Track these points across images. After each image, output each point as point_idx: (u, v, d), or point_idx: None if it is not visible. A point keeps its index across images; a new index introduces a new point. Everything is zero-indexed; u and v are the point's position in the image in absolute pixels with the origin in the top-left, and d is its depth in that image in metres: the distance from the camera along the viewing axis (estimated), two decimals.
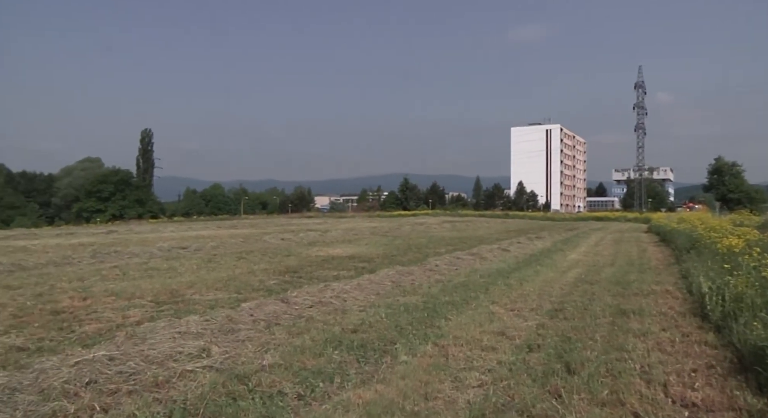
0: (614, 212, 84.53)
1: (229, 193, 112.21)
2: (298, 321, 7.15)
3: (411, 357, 5.57)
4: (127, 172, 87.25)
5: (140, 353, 5.41)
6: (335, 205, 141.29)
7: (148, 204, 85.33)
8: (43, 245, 21.43)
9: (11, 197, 78.84)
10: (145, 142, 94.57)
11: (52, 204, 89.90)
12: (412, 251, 18.64)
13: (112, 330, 6.75)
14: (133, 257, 16.25)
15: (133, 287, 10.23)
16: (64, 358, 5.22)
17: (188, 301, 8.85)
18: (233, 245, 21.13)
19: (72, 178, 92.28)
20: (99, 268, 13.62)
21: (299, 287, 10.02)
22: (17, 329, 6.86)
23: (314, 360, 5.35)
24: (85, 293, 9.54)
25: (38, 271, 13.12)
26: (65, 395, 4.33)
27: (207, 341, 5.90)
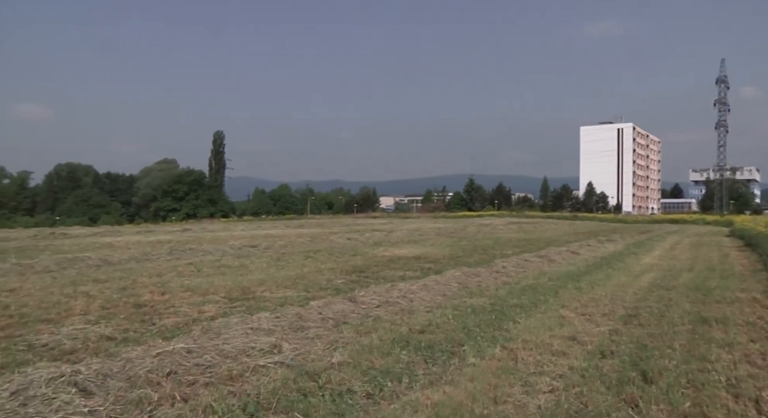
0: (691, 215, 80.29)
1: (296, 193, 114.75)
2: (366, 320, 7.22)
3: (479, 360, 5.51)
4: (200, 173, 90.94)
5: (215, 347, 5.62)
6: (400, 205, 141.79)
7: (220, 203, 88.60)
8: (125, 242, 22.67)
9: (98, 197, 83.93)
10: (217, 143, 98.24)
11: (132, 203, 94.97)
12: (478, 252, 18.44)
13: (188, 324, 7.05)
14: (206, 255, 16.90)
15: (207, 284, 10.65)
16: (147, 349, 5.50)
17: (259, 298, 9.12)
18: (301, 244, 21.59)
19: (150, 179, 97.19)
20: (175, 264, 14.27)
21: (366, 286, 10.12)
22: (106, 319, 7.30)
23: (382, 359, 5.38)
24: (164, 288, 10.01)
25: (122, 266, 13.89)
26: (149, 384, 4.56)
27: (278, 337, 6.05)
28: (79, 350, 5.87)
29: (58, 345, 6.02)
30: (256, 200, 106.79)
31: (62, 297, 9.09)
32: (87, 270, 13.06)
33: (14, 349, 5.84)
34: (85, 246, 20.71)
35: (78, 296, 9.22)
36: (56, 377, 4.40)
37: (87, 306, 8.31)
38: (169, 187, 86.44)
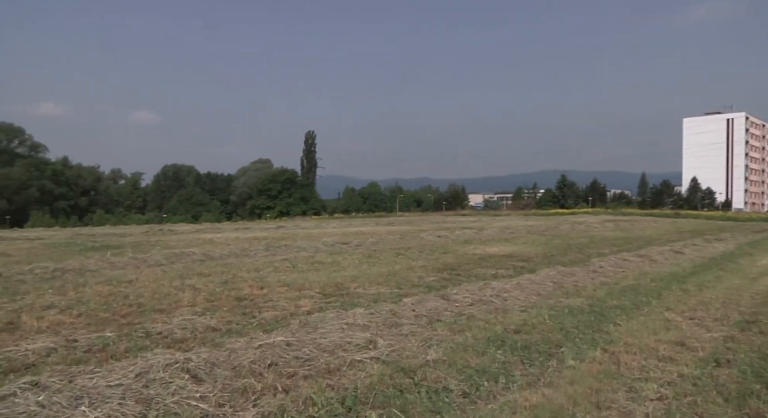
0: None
1: (386, 191, 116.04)
2: (459, 318, 7.17)
3: (578, 362, 5.32)
4: (293, 172, 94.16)
5: (313, 340, 5.80)
6: (489, 203, 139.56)
7: (312, 201, 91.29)
8: (225, 238, 23.90)
9: (200, 196, 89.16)
10: (309, 143, 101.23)
11: (230, 201, 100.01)
12: (573, 250, 17.79)
13: (286, 318, 7.32)
14: (300, 251, 17.46)
15: (302, 279, 11.00)
16: (249, 340, 5.77)
17: (352, 294, 9.30)
18: (391, 241, 21.79)
19: (246, 178, 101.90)
20: (272, 260, 14.85)
21: (458, 284, 10.06)
22: (210, 311, 7.74)
23: (477, 359, 5.32)
24: (262, 283, 10.45)
25: (223, 261, 14.67)
26: (252, 374, 4.78)
27: (373, 333, 6.15)
28: (189, 339, 6.26)
29: (170, 334, 6.45)
30: (346, 198, 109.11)
31: (172, 289, 9.72)
32: (192, 264, 13.90)
33: (134, 335, 6.34)
34: (190, 242, 22.05)
35: (185, 288, 9.83)
36: (171, 363, 4.72)
37: (194, 298, 8.84)
38: (263, 186, 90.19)
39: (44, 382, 4.30)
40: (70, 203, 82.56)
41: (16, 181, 73.85)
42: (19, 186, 74.14)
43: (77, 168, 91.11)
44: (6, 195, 72.73)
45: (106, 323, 7.08)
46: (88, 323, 7.10)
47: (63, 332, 6.50)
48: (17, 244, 21.33)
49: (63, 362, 5.25)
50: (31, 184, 75.76)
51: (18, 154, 79.94)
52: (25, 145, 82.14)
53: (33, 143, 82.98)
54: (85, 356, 5.54)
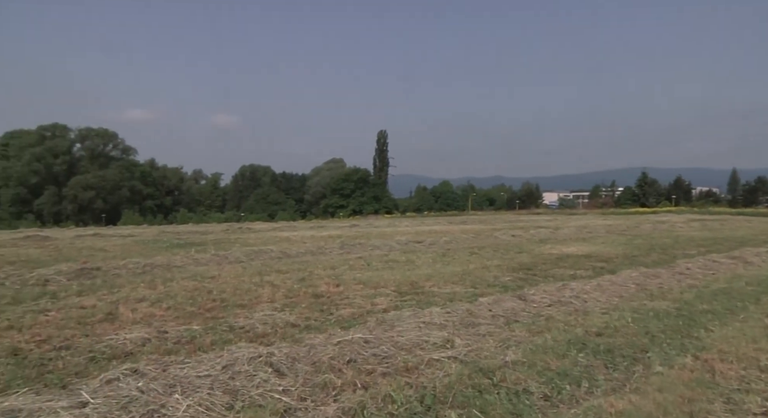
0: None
1: (458, 189, 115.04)
2: (538, 319, 7.01)
3: (667, 368, 5.06)
4: (365, 172, 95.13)
5: (390, 338, 5.84)
6: (564, 201, 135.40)
7: (384, 200, 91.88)
8: (300, 237, 24.50)
9: (275, 195, 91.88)
10: (381, 142, 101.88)
11: (304, 200, 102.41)
12: (656, 251, 16.96)
13: (363, 315, 7.42)
14: (374, 250, 17.63)
15: (377, 277, 11.10)
16: (328, 337, 5.89)
17: (428, 293, 9.30)
18: (465, 240, 21.60)
19: (320, 177, 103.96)
20: (346, 258, 15.08)
21: (535, 284, 9.83)
22: (289, 307, 7.96)
23: (558, 361, 5.18)
24: (338, 281, 10.63)
25: (299, 258, 15.05)
26: (332, 370, 4.88)
27: (450, 332, 6.12)
28: (270, 334, 6.47)
29: (252, 328, 6.69)
30: (418, 197, 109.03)
31: (252, 285, 10.07)
32: (270, 261, 14.34)
33: (219, 329, 6.63)
34: (267, 240, 22.76)
35: (264, 285, 10.16)
36: (255, 357, 4.90)
37: (273, 294, 9.12)
38: (337, 185, 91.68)
39: (142, 369, 4.58)
40: (156, 202, 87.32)
41: (111, 182, 78.93)
42: (113, 187, 79.22)
43: (163, 169, 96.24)
44: (102, 195, 77.92)
45: (193, 317, 7.43)
46: (176, 316, 7.49)
47: (155, 324, 6.89)
48: (113, 240, 22.80)
49: (156, 352, 5.57)
50: (123, 185, 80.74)
51: (112, 157, 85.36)
52: (118, 149, 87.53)
53: (125, 147, 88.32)
54: (175, 347, 5.85)
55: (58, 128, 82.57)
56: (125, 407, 3.90)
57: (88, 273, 11.70)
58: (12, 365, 5.24)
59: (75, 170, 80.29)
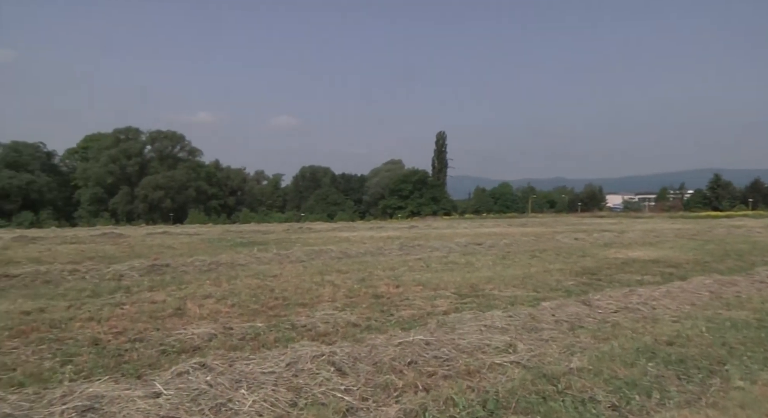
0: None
1: (517, 191, 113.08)
2: (603, 326, 6.79)
3: (749, 383, 4.78)
4: (423, 173, 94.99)
5: (451, 341, 5.80)
6: (629, 204, 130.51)
7: (442, 202, 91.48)
8: (360, 237, 24.73)
9: (335, 195, 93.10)
10: (440, 144, 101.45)
11: (363, 201, 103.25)
12: (731, 257, 16.07)
13: (423, 317, 7.40)
14: (434, 251, 17.57)
15: (437, 279, 11.06)
16: (388, 338, 5.91)
17: (488, 295, 9.18)
18: (525, 243, 21.20)
19: (379, 179, 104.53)
20: (406, 259, 15.10)
21: (600, 289, 9.53)
22: (350, 307, 8.04)
23: (626, 370, 4.99)
24: (397, 281, 10.66)
25: (359, 259, 15.19)
26: (393, 371, 4.89)
27: (512, 336, 6.02)
28: (331, 333, 6.55)
29: (314, 327, 6.80)
30: (476, 198, 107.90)
31: (313, 285, 10.24)
32: (330, 261, 14.54)
33: (282, 327, 6.77)
34: (327, 240, 23.10)
35: (325, 284, 10.31)
36: (318, 355, 4.97)
37: (333, 294, 9.24)
38: (395, 186, 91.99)
39: (210, 364, 4.74)
40: (220, 202, 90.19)
41: (178, 182, 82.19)
42: (180, 187, 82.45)
43: (227, 170, 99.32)
44: (170, 195, 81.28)
45: (256, 314, 7.63)
46: (240, 313, 7.71)
47: (221, 320, 7.12)
48: (180, 238, 23.74)
49: (222, 347, 5.75)
50: (189, 185, 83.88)
51: (179, 159, 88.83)
52: (185, 150, 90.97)
53: (191, 148, 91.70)
54: (240, 343, 6.02)
55: (131, 131, 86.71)
56: (195, 399, 4.05)
57: (158, 269, 12.22)
58: (93, 354, 5.54)
59: (146, 171, 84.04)
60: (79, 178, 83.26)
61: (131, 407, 3.88)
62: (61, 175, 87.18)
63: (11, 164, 79.31)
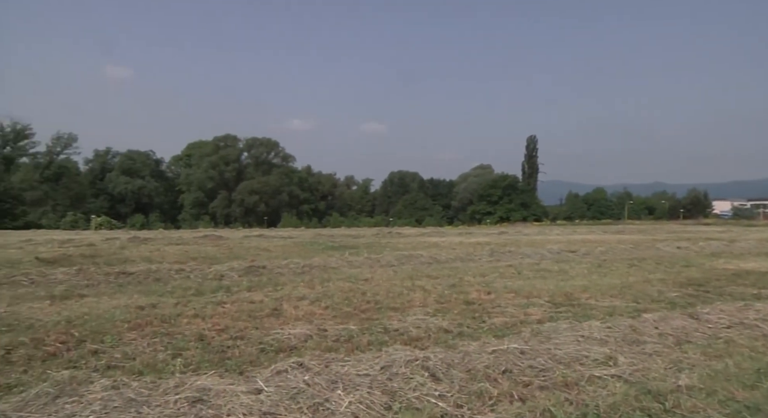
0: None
1: (612, 197, 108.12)
2: (715, 342, 6.32)
3: None
4: (513, 178, 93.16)
5: (547, 351, 5.63)
6: (740, 211, 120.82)
7: (532, 207, 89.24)
8: (449, 243, 24.60)
9: (423, 200, 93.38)
10: (530, 148, 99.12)
11: (451, 206, 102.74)
12: None
13: (516, 325, 7.23)
14: (525, 258, 17.16)
15: (529, 286, 10.78)
16: (482, 345, 5.83)
17: (584, 305, 8.82)
18: (623, 251, 20.21)
19: (467, 184, 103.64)
20: (496, 266, 14.84)
21: (709, 302, 8.90)
22: (441, 313, 8.01)
23: (745, 392, 4.62)
24: (489, 288, 10.49)
25: (449, 264, 15.11)
26: (487, 379, 4.81)
27: (611, 349, 5.75)
28: (423, 338, 6.55)
29: (406, 331, 6.83)
30: (569, 204, 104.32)
31: (404, 289, 10.30)
32: (420, 266, 14.57)
33: (374, 330, 6.85)
34: (416, 245, 23.15)
35: (416, 289, 10.34)
36: (411, 360, 4.99)
37: (424, 299, 9.25)
38: (484, 191, 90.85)
39: (307, 364, 4.89)
40: (312, 207, 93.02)
41: (272, 187, 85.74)
42: (274, 191, 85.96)
43: (318, 175, 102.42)
44: (264, 199, 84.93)
45: (349, 317, 7.77)
46: (334, 315, 7.89)
47: (315, 322, 7.32)
48: (275, 241, 24.69)
49: (318, 348, 5.90)
50: (282, 190, 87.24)
51: (274, 164, 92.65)
52: (279, 156, 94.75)
53: (285, 154, 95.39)
54: (334, 345, 6.16)
55: (229, 139, 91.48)
56: (294, 397, 4.19)
57: (255, 271, 12.78)
58: (199, 349, 5.88)
59: (242, 176, 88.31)
60: (183, 183, 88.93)
61: (235, 401, 4.08)
62: (167, 181, 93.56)
63: (126, 171, 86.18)
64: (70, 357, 5.58)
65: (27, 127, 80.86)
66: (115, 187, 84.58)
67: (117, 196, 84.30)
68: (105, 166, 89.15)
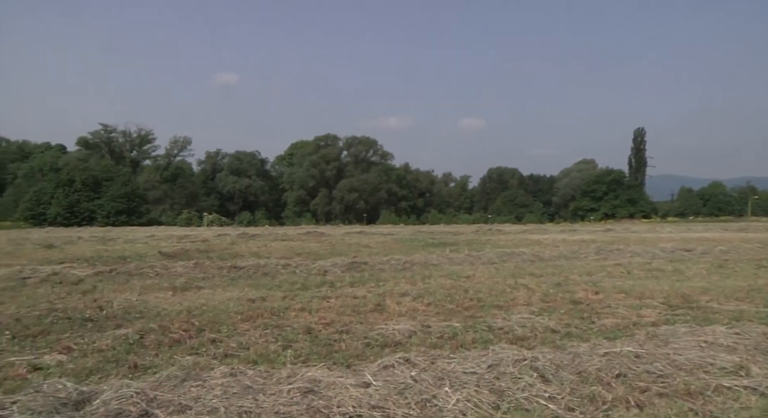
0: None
1: (732, 191, 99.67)
2: None
3: None
4: (619, 173, 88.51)
5: (665, 356, 5.28)
6: None
7: (640, 203, 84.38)
8: (552, 240, 23.83)
9: (522, 197, 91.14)
10: (638, 141, 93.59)
11: (552, 202, 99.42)
12: None
13: (629, 327, 6.86)
14: (634, 256, 16.25)
15: (640, 287, 10.19)
16: (592, 347, 5.58)
17: (704, 308, 8.20)
18: (747, 250, 18.58)
19: (569, 179, 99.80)
20: (603, 264, 14.16)
21: None
22: (547, 312, 7.77)
23: None
24: (596, 288, 10.03)
25: (552, 262, 14.63)
26: (599, 382, 4.60)
27: (741, 357, 5.28)
28: (529, 337, 6.38)
29: (511, 330, 6.68)
30: (681, 200, 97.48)
31: (506, 287, 10.10)
32: (522, 264, 14.22)
33: (478, 328, 6.77)
34: (518, 242, 22.63)
35: (519, 287, 10.10)
36: (519, 359, 4.87)
37: (528, 297, 9.01)
38: (587, 187, 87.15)
39: (413, 360, 4.92)
40: (410, 204, 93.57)
41: (371, 185, 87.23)
42: (373, 189, 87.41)
43: (415, 173, 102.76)
44: (364, 197, 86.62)
45: (452, 314, 7.74)
46: (437, 312, 7.89)
47: (418, 318, 7.35)
48: (375, 238, 25.15)
49: (422, 345, 5.93)
50: (381, 188, 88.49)
51: (372, 162, 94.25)
52: (378, 154, 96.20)
53: (383, 152, 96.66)
54: (439, 342, 6.15)
55: (329, 138, 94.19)
56: (401, 392, 4.22)
57: (357, 266, 13.06)
58: (308, 342, 6.11)
59: (342, 174, 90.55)
60: (286, 182, 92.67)
61: (344, 393, 4.18)
62: (271, 180, 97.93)
63: (234, 171, 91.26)
64: (192, 344, 6.00)
65: (149, 133, 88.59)
66: (224, 186, 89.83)
67: (226, 195, 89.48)
68: (215, 167, 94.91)
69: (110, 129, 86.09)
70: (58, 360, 5.43)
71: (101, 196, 64.57)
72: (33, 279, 11.11)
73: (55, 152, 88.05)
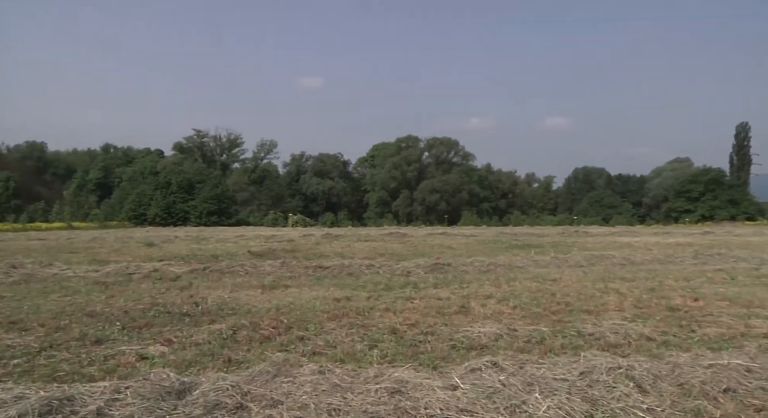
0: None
1: None
2: None
3: None
4: (718, 171, 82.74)
5: None
6: None
7: (743, 204, 78.38)
8: (644, 243, 22.65)
9: (610, 198, 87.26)
10: (741, 137, 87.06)
11: (642, 204, 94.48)
12: None
13: (736, 338, 6.39)
14: (739, 261, 15.12)
15: (747, 294, 9.48)
16: (694, 357, 5.24)
17: None
18: None
19: (661, 179, 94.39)
20: (702, 269, 13.29)
21: None
22: (641, 319, 7.39)
23: None
24: (695, 294, 9.43)
25: (645, 266, 13.89)
26: (705, 396, 4.30)
27: None
28: (623, 344, 6.09)
29: (602, 336, 6.40)
30: None
31: (596, 291, 9.70)
32: (612, 268, 13.61)
33: (567, 333, 6.55)
34: (606, 244, 21.70)
35: (609, 292, 9.67)
36: (614, 367, 4.65)
37: (620, 303, 8.61)
38: (682, 187, 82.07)
39: (501, 363, 4.82)
40: (492, 205, 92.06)
41: (452, 186, 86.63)
42: (454, 190, 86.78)
43: (498, 173, 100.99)
44: (445, 198, 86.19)
45: (539, 318, 7.53)
46: (523, 315, 7.70)
47: (504, 321, 7.21)
48: (457, 239, 24.96)
49: (509, 348, 5.80)
50: (462, 189, 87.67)
51: (454, 163, 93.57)
52: (459, 155, 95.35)
53: (464, 153, 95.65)
54: (526, 346, 6.00)
55: (411, 139, 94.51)
56: (490, 397, 4.14)
57: (440, 268, 13.00)
58: (393, 342, 6.14)
59: (423, 176, 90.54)
60: (368, 183, 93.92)
61: (432, 395, 4.16)
62: (353, 181, 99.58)
63: (318, 173, 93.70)
64: (281, 341, 6.20)
65: (238, 137, 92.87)
66: (308, 187, 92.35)
67: (310, 196, 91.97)
68: (300, 169, 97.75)
69: (202, 134, 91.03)
70: (161, 351, 5.79)
71: (194, 198, 68.32)
72: (137, 275, 11.90)
73: (154, 157, 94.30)
